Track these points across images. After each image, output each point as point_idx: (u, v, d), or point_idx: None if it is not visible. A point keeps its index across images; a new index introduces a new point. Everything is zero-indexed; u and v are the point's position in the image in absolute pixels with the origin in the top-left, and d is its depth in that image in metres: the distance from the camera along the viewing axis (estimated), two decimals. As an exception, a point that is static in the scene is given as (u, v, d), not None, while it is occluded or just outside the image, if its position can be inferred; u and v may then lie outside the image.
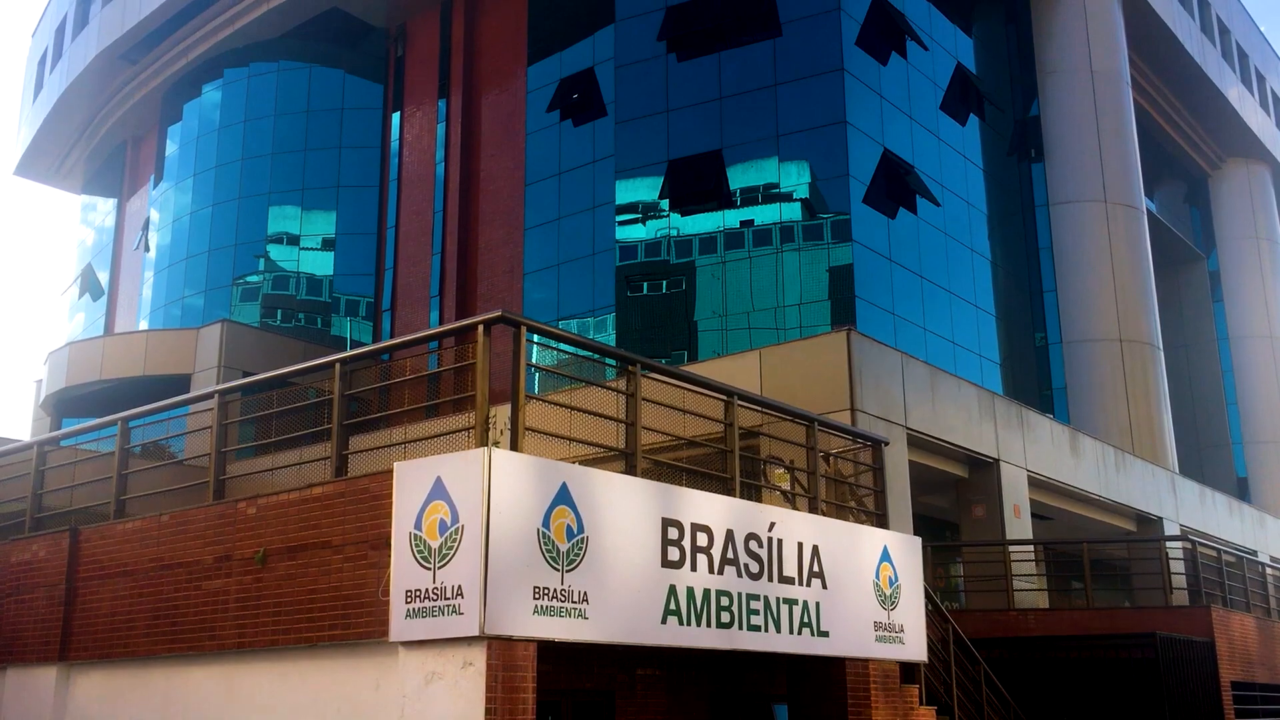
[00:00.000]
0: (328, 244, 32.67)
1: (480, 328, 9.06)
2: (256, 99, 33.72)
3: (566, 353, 11.27)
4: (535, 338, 10.55)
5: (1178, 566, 19.63)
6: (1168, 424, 30.60)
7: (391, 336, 30.95)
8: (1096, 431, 27.28)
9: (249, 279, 32.60)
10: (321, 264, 32.66)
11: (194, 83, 35.12)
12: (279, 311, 32.24)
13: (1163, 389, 30.82)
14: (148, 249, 35.93)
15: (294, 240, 32.76)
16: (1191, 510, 27.17)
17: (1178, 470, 29.70)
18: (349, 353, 10.16)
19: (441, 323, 29.55)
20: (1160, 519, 25.40)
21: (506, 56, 30.71)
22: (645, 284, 26.07)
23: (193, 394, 14.23)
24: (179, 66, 35.15)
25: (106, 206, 41.44)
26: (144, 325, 34.46)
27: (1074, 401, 29.78)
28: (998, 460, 20.34)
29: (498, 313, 9.19)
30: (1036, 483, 21.51)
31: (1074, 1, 32.40)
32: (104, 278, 39.84)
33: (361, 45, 33.67)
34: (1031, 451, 21.42)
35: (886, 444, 13.53)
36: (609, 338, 26.11)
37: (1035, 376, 30.38)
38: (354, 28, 33.09)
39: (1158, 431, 29.89)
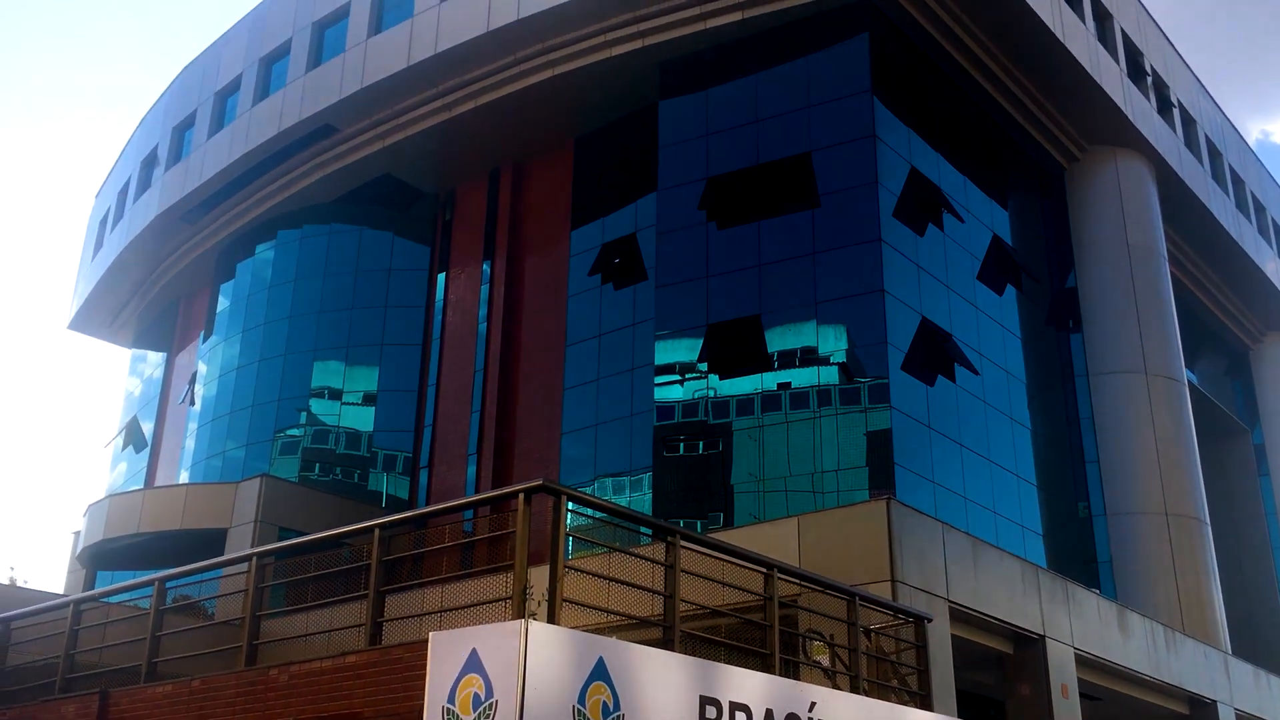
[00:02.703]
0: (369, 399, 33.08)
1: (521, 496, 9.07)
2: (307, 259, 34.72)
3: (605, 522, 11.24)
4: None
5: (1236, 755, 18.77)
6: (1218, 601, 29.71)
7: (429, 493, 30.96)
8: (1144, 608, 26.52)
9: (290, 432, 32.94)
10: (362, 419, 33.00)
11: (248, 243, 36.25)
12: (317, 465, 32.43)
13: (1212, 565, 30.05)
14: (193, 402, 36.49)
15: (336, 395, 33.20)
16: (1246, 693, 26.12)
17: (1230, 650, 28.69)
18: (388, 518, 10.17)
19: (479, 480, 29.56)
20: (1214, 702, 24.42)
21: (551, 222, 31.55)
22: (682, 444, 26.06)
23: (229, 556, 14.23)
24: (235, 227, 36.34)
25: (156, 359, 42.30)
26: (185, 477, 34.72)
27: (1120, 576, 29.06)
28: (1043, 636, 19.74)
29: (539, 481, 9.22)
30: (1084, 661, 20.82)
31: (1108, 177, 33.01)
32: (148, 429, 40.37)
33: (411, 209, 34.75)
34: (1078, 628, 20.80)
35: (930, 620, 13.22)
36: (645, 497, 25.97)
37: (1079, 549, 29.76)
38: (404, 193, 34.23)
39: (1208, 609, 29.00)
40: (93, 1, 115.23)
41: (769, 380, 25.45)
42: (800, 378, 25.16)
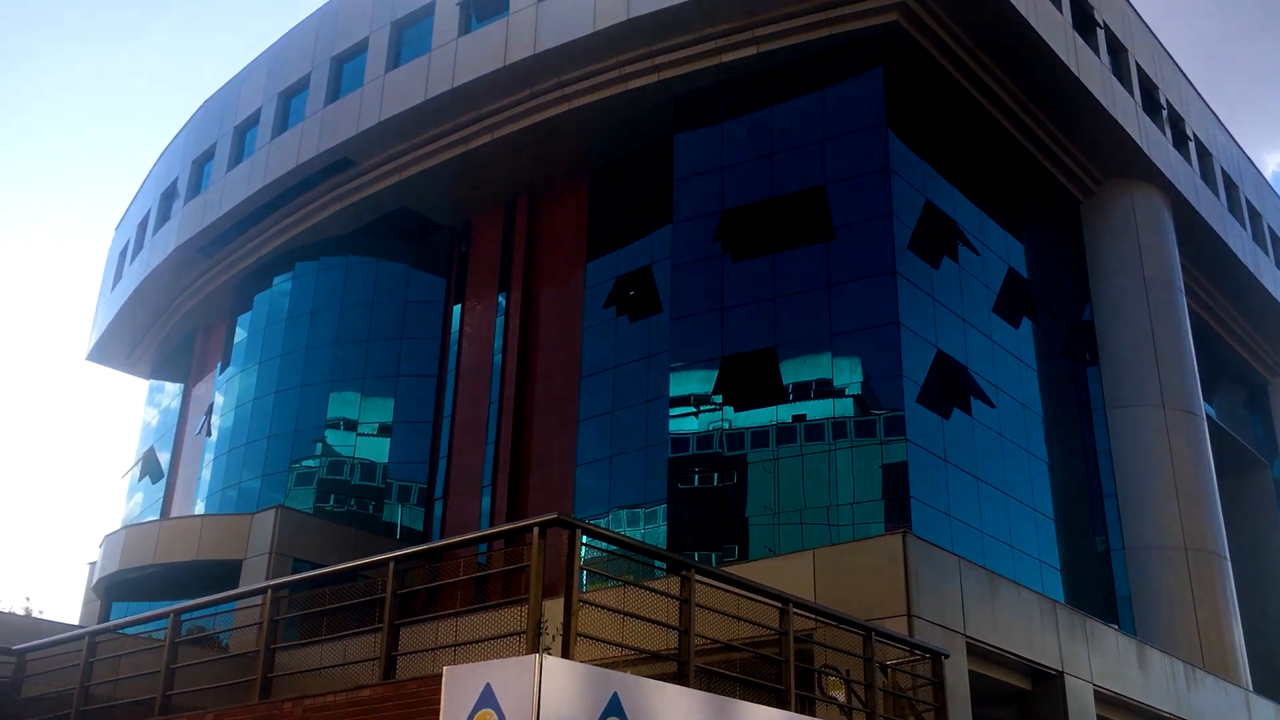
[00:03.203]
0: (384, 431, 33.14)
1: (535, 530, 9.06)
2: (324, 291, 34.91)
3: (619, 556, 11.21)
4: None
5: (1258, 794, 18.51)
6: (1239, 638, 29.38)
7: (443, 524, 30.92)
8: (1164, 644, 26.25)
9: (305, 463, 33.01)
10: (377, 450, 33.05)
11: (266, 275, 36.45)
12: (332, 496, 32.47)
13: (1232, 600, 29.73)
14: (209, 433, 36.61)
15: (351, 426, 33.28)
16: (1269, 731, 25.79)
17: (1251, 687, 28.35)
18: (403, 551, 10.17)
19: (493, 512, 29.52)
20: (1236, 740, 24.12)
21: (566, 254, 31.67)
22: (697, 476, 26.00)
23: (244, 589, 14.22)
24: (253, 259, 36.56)
25: (173, 390, 42.49)
26: (200, 508, 34.79)
27: (1139, 611, 28.77)
28: (1062, 673, 19.54)
29: (553, 515, 9.22)
30: (1103, 698, 20.59)
31: (1124, 210, 32.96)
32: (164, 460, 40.50)
33: (427, 241, 34.94)
34: (1097, 664, 20.59)
35: (947, 656, 13.12)
36: (660, 529, 25.88)
37: (1098, 584, 29.50)
38: (421, 225, 34.42)
39: (1229, 645, 28.68)
40: (114, 36, 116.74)
41: (784, 412, 25.41)
42: (815, 410, 25.11)
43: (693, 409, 26.30)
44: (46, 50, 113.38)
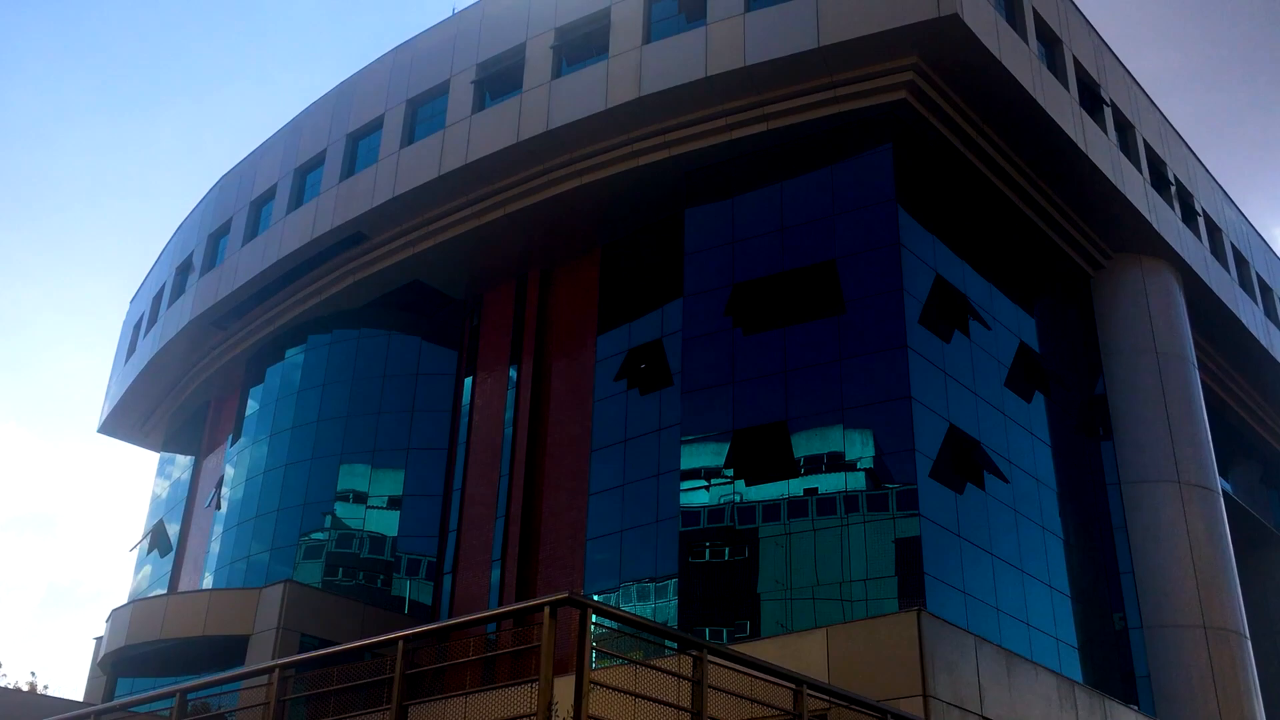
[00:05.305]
0: (394, 504, 33.02)
1: (546, 609, 8.97)
2: (336, 363, 35.03)
3: (628, 635, 11.07)
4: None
5: None
6: (1261, 718, 28.80)
7: (452, 599, 30.65)
8: (1185, 724, 25.76)
9: (314, 536, 32.85)
10: (387, 524, 32.90)
11: (279, 347, 36.61)
12: (341, 570, 32.26)
13: (1253, 680, 29.20)
14: (219, 506, 36.50)
15: (361, 499, 33.18)
16: (1295, 816, 25.19)
17: (1276, 770, 27.76)
18: (412, 630, 10.06)
19: (502, 586, 29.28)
20: (1261, 825, 23.54)
21: (577, 327, 31.78)
22: (708, 551, 25.79)
23: (251, 668, 14.08)
24: (266, 332, 36.76)
25: (184, 462, 42.47)
26: (209, 581, 34.58)
27: (1159, 691, 28.24)
28: (1081, 755, 19.17)
29: (564, 594, 9.12)
30: (1124, 781, 20.18)
31: (1134, 284, 33.00)
32: (174, 532, 40.34)
33: (439, 314, 35.10)
34: (1117, 746, 20.20)
35: (963, 739, 12.87)
36: (671, 604, 25.62)
37: (1116, 663, 29.01)
38: (433, 298, 34.62)
39: (1251, 726, 28.12)
40: (131, 112, 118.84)
41: (795, 486, 25.26)
42: (827, 484, 24.96)
43: (704, 482, 26.17)
44: (64, 124, 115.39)
